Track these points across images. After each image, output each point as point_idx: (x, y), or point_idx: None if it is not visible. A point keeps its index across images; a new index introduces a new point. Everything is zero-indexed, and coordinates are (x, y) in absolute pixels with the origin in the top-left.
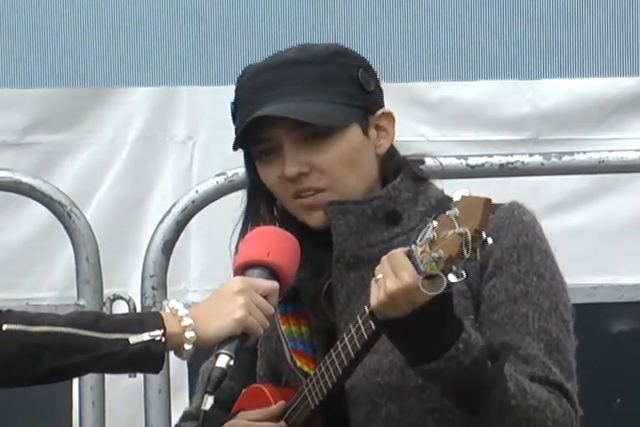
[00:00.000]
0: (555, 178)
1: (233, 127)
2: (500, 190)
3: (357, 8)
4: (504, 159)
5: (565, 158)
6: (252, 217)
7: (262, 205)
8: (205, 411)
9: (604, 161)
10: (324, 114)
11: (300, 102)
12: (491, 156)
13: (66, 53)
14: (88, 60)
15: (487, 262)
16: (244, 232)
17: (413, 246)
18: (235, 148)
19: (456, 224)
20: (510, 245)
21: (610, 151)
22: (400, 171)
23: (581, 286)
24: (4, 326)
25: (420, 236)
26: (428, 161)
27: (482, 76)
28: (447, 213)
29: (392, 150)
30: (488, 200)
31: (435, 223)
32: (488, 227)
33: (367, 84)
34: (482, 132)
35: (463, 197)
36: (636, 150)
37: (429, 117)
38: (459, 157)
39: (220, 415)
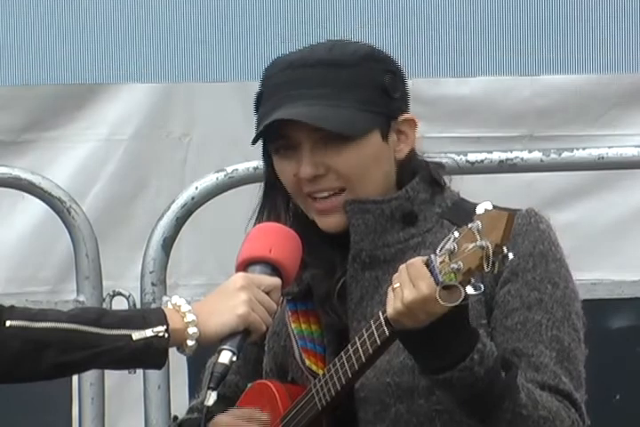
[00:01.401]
0: (552, 173)
1: (228, 125)
2: (496, 186)
3: (354, 4)
4: (503, 155)
5: (565, 155)
6: (268, 211)
7: (278, 200)
8: (208, 407)
9: (603, 157)
10: (347, 121)
11: (324, 107)
12: (490, 152)
13: (60, 50)
14: (83, 57)
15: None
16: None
17: (433, 256)
18: (254, 142)
19: (478, 237)
20: (526, 253)
21: (609, 147)
22: (417, 174)
23: (581, 283)
24: (8, 322)
25: (440, 246)
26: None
27: (478, 73)
28: (470, 225)
29: (411, 155)
30: (511, 215)
31: (456, 234)
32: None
33: (393, 91)
34: (478, 129)
35: (486, 211)
36: (635, 146)
37: (425, 114)
38: (458, 154)
39: (224, 410)
